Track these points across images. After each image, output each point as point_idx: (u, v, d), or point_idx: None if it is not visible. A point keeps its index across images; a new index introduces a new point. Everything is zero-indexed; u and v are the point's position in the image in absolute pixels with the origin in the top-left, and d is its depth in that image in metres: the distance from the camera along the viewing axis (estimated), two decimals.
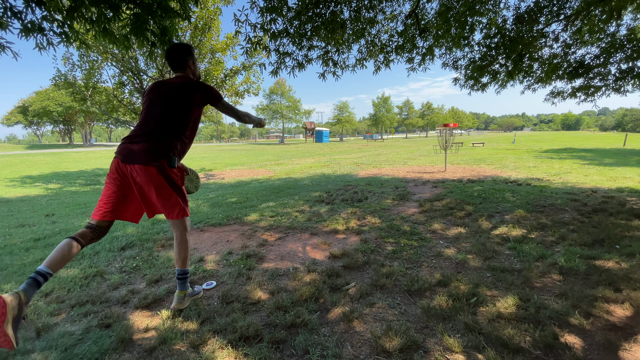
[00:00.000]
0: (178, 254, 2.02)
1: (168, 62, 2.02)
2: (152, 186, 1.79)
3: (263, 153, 23.74)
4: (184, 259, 2.03)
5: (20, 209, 5.85)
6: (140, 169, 1.75)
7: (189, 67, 2.03)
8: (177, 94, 1.89)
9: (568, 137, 41.08)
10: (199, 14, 7.82)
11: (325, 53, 3.90)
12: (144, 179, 1.77)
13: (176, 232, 2.00)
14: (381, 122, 60.09)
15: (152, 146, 1.79)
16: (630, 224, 3.52)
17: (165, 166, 1.81)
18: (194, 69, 2.08)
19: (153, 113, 1.87)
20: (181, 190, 1.94)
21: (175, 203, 1.89)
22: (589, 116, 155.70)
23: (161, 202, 1.86)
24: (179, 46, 2.02)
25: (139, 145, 1.79)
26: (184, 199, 1.97)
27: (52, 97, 39.50)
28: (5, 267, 2.83)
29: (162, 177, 1.80)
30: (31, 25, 1.93)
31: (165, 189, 1.83)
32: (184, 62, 1.99)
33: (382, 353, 1.61)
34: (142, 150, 1.77)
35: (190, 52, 2.02)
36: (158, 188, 1.81)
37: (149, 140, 1.80)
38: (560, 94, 5.60)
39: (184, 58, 1.99)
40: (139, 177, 1.77)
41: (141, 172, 1.75)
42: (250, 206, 5.06)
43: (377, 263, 2.68)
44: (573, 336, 1.69)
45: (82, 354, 1.64)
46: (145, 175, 1.76)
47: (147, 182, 1.78)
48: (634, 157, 11.88)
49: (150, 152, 1.77)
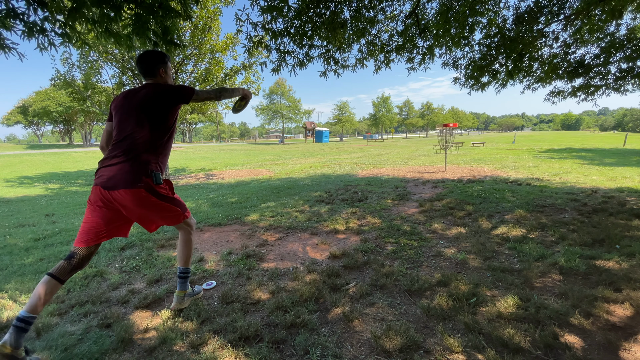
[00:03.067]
0: (181, 252, 2.04)
1: (138, 68, 1.93)
2: (145, 206, 1.73)
3: (263, 153, 23.74)
4: (187, 257, 2.05)
5: (20, 209, 5.85)
6: (126, 193, 1.66)
7: (159, 75, 1.92)
8: (146, 103, 1.77)
9: (568, 137, 41.09)
10: (199, 14, 7.82)
11: (327, 51, 3.90)
12: (134, 202, 1.69)
13: (181, 232, 2.03)
14: (381, 122, 60.08)
15: (132, 166, 1.69)
16: (630, 224, 3.52)
17: (152, 184, 1.73)
18: (166, 77, 1.97)
19: (125, 129, 1.76)
20: (174, 199, 1.89)
21: (173, 213, 1.87)
22: (589, 116, 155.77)
23: (160, 217, 1.84)
24: (151, 53, 1.92)
25: (117, 167, 1.68)
26: (181, 205, 1.93)
27: (52, 97, 39.53)
28: (5, 267, 2.83)
29: (152, 196, 1.73)
30: (33, 26, 1.94)
31: (160, 205, 1.78)
32: (154, 69, 1.90)
33: (382, 353, 1.61)
34: (123, 173, 1.67)
35: (162, 60, 1.92)
36: (152, 206, 1.75)
37: (127, 160, 1.69)
38: (560, 94, 5.60)
39: (155, 65, 1.90)
40: (127, 201, 1.68)
41: (128, 195, 1.66)
42: (250, 206, 5.06)
43: (377, 263, 2.68)
44: (573, 336, 1.69)
45: (82, 354, 1.64)
46: (134, 198, 1.68)
47: (138, 204, 1.71)
48: (634, 157, 11.88)
49: (132, 173, 1.67)
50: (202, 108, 10.39)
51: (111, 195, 1.67)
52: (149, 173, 1.72)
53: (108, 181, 1.67)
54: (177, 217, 1.90)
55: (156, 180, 1.74)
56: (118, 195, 1.66)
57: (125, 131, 1.75)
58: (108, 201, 1.69)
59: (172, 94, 1.81)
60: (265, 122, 50.07)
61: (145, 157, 1.73)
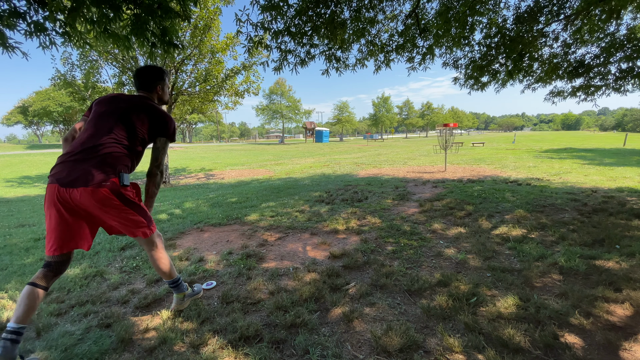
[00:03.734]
0: (157, 270, 1.88)
1: (134, 81, 1.91)
2: (105, 209, 1.58)
3: (263, 153, 23.73)
4: (166, 272, 1.89)
5: (20, 209, 5.85)
6: (86, 192, 1.51)
7: (155, 91, 1.91)
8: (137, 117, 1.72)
9: (568, 137, 41.08)
10: (199, 14, 7.82)
11: (329, 49, 3.90)
12: (92, 203, 1.54)
13: (147, 251, 1.83)
14: (381, 122, 60.07)
15: (98, 163, 1.56)
16: (630, 223, 3.52)
17: (117, 184, 1.60)
18: (162, 94, 1.95)
19: (102, 127, 1.66)
20: (140, 207, 1.75)
21: (137, 222, 1.70)
22: (589, 116, 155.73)
23: (120, 224, 1.67)
24: (151, 68, 1.91)
25: (81, 163, 1.55)
26: (146, 216, 1.77)
27: (52, 97, 39.52)
28: (5, 267, 2.83)
29: (115, 197, 1.59)
30: (35, 26, 1.94)
31: (122, 210, 1.63)
32: (152, 85, 1.89)
33: (382, 353, 1.61)
34: (86, 169, 1.53)
35: (161, 77, 1.92)
36: (113, 210, 1.60)
37: (93, 156, 1.57)
38: (560, 94, 5.59)
39: (153, 81, 1.89)
40: (87, 201, 1.53)
41: (87, 195, 1.51)
42: (251, 206, 5.06)
43: (377, 263, 2.68)
44: (573, 336, 1.69)
45: (82, 354, 1.64)
46: (94, 198, 1.53)
47: (98, 206, 1.55)
48: (634, 157, 11.87)
49: (96, 170, 1.54)
50: (202, 108, 10.39)
51: (69, 194, 1.52)
52: (115, 172, 1.61)
53: (67, 177, 1.53)
54: (139, 227, 1.71)
55: (122, 181, 1.62)
56: (76, 194, 1.51)
57: (101, 130, 1.65)
58: (65, 200, 1.53)
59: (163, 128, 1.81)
60: (265, 122, 50.09)
61: (114, 157, 1.63)
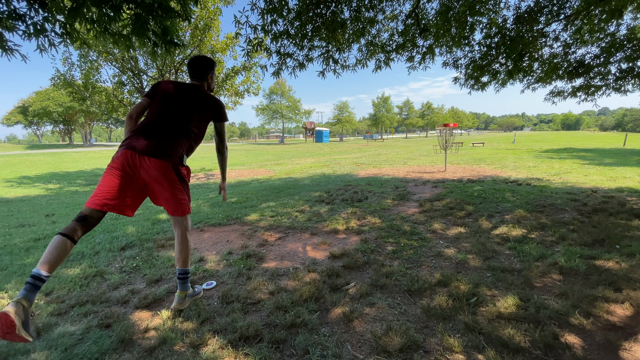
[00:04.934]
0: (179, 253, 2.02)
1: (189, 69, 2.14)
2: (165, 181, 1.81)
3: (263, 153, 23.74)
4: (185, 258, 2.03)
5: (20, 209, 5.85)
6: (156, 162, 1.76)
7: (206, 80, 2.16)
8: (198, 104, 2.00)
9: (568, 137, 41.08)
10: (199, 14, 7.82)
11: (327, 51, 3.90)
12: (157, 174, 1.78)
13: (178, 231, 2.00)
14: (381, 122, 60.06)
15: (168, 142, 1.84)
16: (630, 224, 3.52)
17: (178, 162, 1.86)
18: (211, 82, 2.20)
19: (172, 113, 1.92)
20: (188, 187, 1.99)
21: (183, 200, 1.93)
22: (589, 116, 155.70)
23: (171, 197, 1.88)
24: (204, 58, 2.15)
25: (155, 140, 1.81)
26: (189, 196, 2.01)
27: (52, 98, 39.49)
28: (5, 267, 2.83)
29: (174, 173, 1.84)
30: (34, 27, 1.94)
31: (176, 185, 1.87)
32: (204, 73, 2.13)
33: (382, 353, 1.61)
34: (159, 145, 1.80)
35: (212, 67, 2.17)
36: (171, 183, 1.84)
37: (166, 136, 1.85)
38: (560, 94, 5.60)
39: (205, 70, 2.13)
40: (152, 171, 1.77)
41: (157, 165, 1.76)
42: (251, 206, 5.06)
43: (377, 263, 2.68)
44: (573, 336, 1.69)
45: (82, 354, 1.64)
46: (160, 169, 1.78)
47: (160, 177, 1.79)
48: (634, 157, 11.87)
49: (167, 148, 1.81)
50: None
51: (140, 160, 1.75)
52: (179, 152, 1.87)
53: (142, 147, 1.77)
54: (184, 205, 1.95)
55: (182, 162, 1.89)
56: (147, 162, 1.75)
57: (171, 115, 1.92)
58: (134, 165, 1.75)
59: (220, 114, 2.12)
60: (265, 122, 50.06)
61: (180, 141, 1.89)
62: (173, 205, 1.91)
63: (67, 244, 1.60)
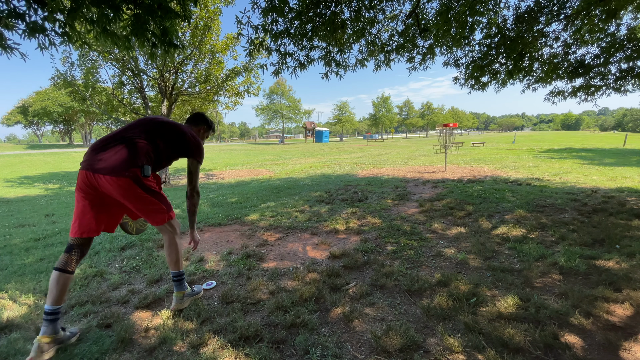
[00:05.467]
0: (169, 256, 2.01)
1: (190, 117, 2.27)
2: (128, 196, 1.72)
3: (263, 153, 23.73)
4: (176, 261, 2.01)
5: (20, 209, 5.85)
6: (112, 180, 1.65)
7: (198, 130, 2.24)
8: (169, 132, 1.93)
9: (568, 137, 41.08)
10: (199, 14, 7.81)
11: (327, 53, 3.90)
12: (117, 191, 1.68)
13: (164, 236, 1.99)
14: (381, 122, 60.04)
15: (123, 154, 1.70)
16: (630, 224, 3.52)
17: (139, 175, 1.73)
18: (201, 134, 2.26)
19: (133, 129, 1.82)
20: (160, 195, 1.89)
21: (157, 209, 1.85)
22: (589, 116, 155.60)
23: (142, 210, 1.82)
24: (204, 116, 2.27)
25: (108, 153, 1.70)
26: (166, 203, 1.92)
27: (52, 98, 39.49)
28: (5, 267, 2.83)
29: (137, 186, 1.72)
30: (34, 26, 1.93)
31: (144, 198, 1.77)
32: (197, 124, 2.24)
33: (382, 353, 1.61)
34: (112, 159, 1.68)
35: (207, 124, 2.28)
36: (135, 198, 1.74)
37: (120, 148, 1.72)
38: (560, 94, 5.59)
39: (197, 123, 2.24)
40: (111, 188, 1.67)
41: (113, 182, 1.65)
42: (251, 206, 5.06)
43: (377, 263, 2.68)
44: (573, 336, 1.69)
45: (82, 354, 1.64)
46: (119, 186, 1.67)
47: (122, 194, 1.69)
48: (634, 157, 11.87)
49: (121, 161, 1.68)
50: (202, 108, 10.38)
51: (96, 180, 1.66)
52: (138, 164, 1.73)
53: (95, 166, 1.67)
54: (161, 214, 1.87)
55: (144, 172, 1.75)
56: (103, 181, 1.65)
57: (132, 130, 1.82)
58: (93, 186, 1.68)
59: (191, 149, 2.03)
60: (265, 122, 50.08)
61: (140, 149, 1.76)
62: (148, 216, 1.86)
63: (64, 277, 1.68)
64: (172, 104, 8.90)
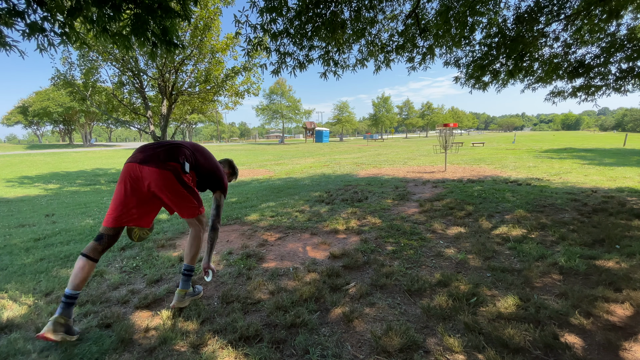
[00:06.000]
0: (190, 248, 2.10)
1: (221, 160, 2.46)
2: (166, 188, 1.85)
3: (263, 153, 23.73)
4: (194, 255, 2.11)
5: (20, 209, 5.85)
6: (155, 171, 1.81)
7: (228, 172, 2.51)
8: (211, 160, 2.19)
9: (568, 137, 41.07)
10: (199, 13, 7.82)
11: (326, 53, 3.90)
12: (158, 182, 1.82)
13: (191, 228, 2.12)
14: (381, 122, 60.02)
15: (167, 151, 1.90)
16: (630, 224, 3.52)
17: (179, 170, 1.89)
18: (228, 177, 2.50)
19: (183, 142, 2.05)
20: (194, 191, 2.03)
21: (190, 204, 1.99)
22: (589, 116, 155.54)
23: (176, 203, 1.95)
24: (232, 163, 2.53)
25: (155, 150, 1.89)
26: (198, 199, 2.06)
27: (52, 98, 39.47)
28: (5, 267, 2.83)
29: (176, 180, 1.88)
30: (33, 26, 1.93)
31: (180, 192, 1.91)
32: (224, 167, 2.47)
33: (382, 353, 1.61)
34: (157, 153, 1.87)
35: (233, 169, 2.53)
36: (173, 191, 1.88)
37: (167, 147, 1.94)
38: (560, 94, 5.59)
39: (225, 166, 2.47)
40: (152, 179, 1.82)
41: (156, 173, 1.81)
42: (251, 206, 5.06)
43: (377, 263, 2.68)
44: (573, 336, 1.69)
45: (82, 354, 1.64)
46: (160, 177, 1.82)
47: (162, 184, 1.84)
48: (634, 157, 11.87)
49: (164, 156, 1.87)
50: (202, 108, 10.39)
51: (141, 170, 1.81)
52: (179, 160, 1.90)
53: (142, 157, 1.84)
54: (193, 209, 2.01)
55: (184, 168, 1.92)
56: (147, 171, 1.80)
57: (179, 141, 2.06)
58: (137, 178, 1.82)
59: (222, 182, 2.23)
60: (265, 122, 50.07)
61: (180, 150, 1.96)
62: (181, 209, 1.99)
63: (90, 264, 1.79)
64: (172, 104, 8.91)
